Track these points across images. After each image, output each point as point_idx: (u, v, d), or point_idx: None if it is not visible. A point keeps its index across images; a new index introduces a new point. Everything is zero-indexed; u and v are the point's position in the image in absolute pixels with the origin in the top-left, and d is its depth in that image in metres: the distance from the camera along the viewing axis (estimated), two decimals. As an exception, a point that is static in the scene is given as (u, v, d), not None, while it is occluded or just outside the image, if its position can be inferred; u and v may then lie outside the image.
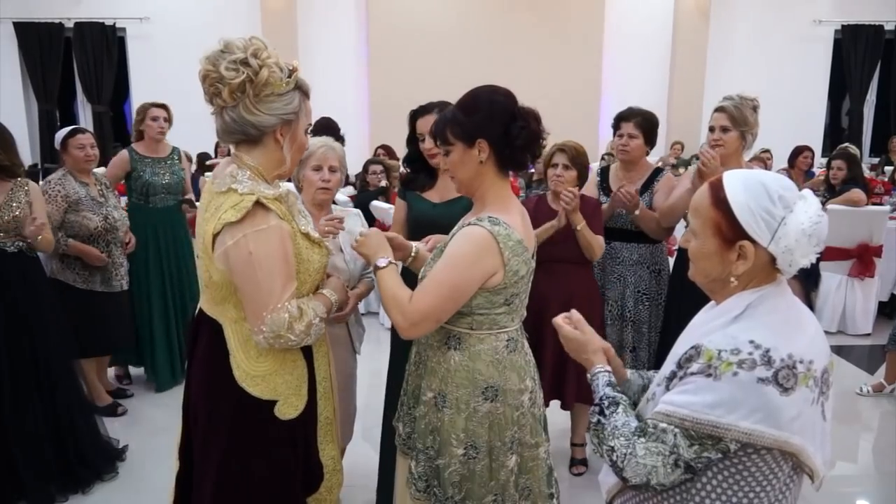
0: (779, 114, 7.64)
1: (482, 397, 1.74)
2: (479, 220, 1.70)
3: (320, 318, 1.72)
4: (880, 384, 4.18)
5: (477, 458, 1.75)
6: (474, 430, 1.74)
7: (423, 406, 1.81)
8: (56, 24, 8.71)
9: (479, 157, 1.71)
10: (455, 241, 1.71)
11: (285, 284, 1.63)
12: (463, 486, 1.77)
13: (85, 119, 9.11)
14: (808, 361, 1.20)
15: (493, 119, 1.70)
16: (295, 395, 1.76)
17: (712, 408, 1.17)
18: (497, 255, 1.67)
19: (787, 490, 1.26)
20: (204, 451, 1.76)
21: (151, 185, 3.92)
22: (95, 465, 3.08)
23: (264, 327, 1.61)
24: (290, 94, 1.68)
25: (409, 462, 1.85)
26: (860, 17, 9.51)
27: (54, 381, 2.96)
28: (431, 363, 1.81)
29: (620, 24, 9.47)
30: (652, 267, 3.20)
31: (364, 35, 9.30)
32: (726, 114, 2.87)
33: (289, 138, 1.70)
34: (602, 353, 1.47)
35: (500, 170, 1.75)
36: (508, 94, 1.75)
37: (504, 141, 1.70)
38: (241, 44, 1.61)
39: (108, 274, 3.55)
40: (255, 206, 1.59)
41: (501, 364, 1.76)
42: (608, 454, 1.29)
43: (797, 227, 1.21)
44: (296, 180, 2.50)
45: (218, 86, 1.60)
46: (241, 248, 1.58)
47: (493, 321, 1.75)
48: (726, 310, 1.28)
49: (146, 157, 3.95)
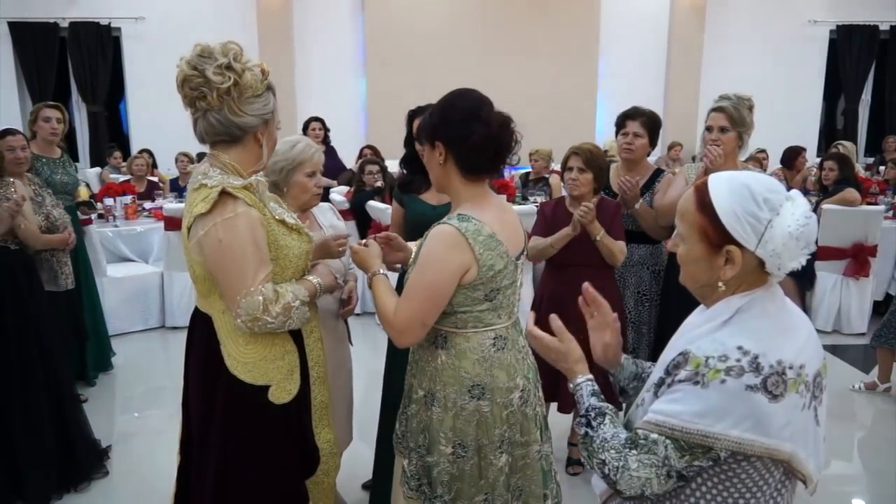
0: (774, 114, 7.65)
1: (468, 395, 1.75)
2: (448, 220, 1.72)
3: (301, 302, 1.75)
4: (873, 382, 4.20)
5: (465, 456, 1.76)
6: (462, 428, 1.76)
7: (414, 404, 1.84)
8: (51, 23, 8.67)
9: (439, 157, 1.73)
10: (425, 244, 1.73)
11: (257, 269, 1.68)
12: (452, 485, 1.78)
13: (80, 119, 9.09)
14: (799, 366, 1.18)
15: (449, 121, 1.71)
16: (287, 379, 1.80)
17: (701, 417, 1.16)
18: (467, 251, 1.67)
19: (779, 495, 1.25)
20: (203, 440, 1.80)
21: (51, 183, 3.87)
22: (87, 463, 3.12)
23: (240, 310, 1.66)
24: (266, 95, 1.75)
25: (403, 461, 1.87)
26: (855, 18, 9.52)
27: (57, 376, 3.04)
28: (422, 362, 1.83)
29: (616, 26, 9.46)
30: (652, 268, 3.19)
31: (360, 36, 9.28)
32: (725, 114, 2.86)
33: (267, 136, 1.78)
34: (584, 363, 1.43)
35: (465, 171, 1.74)
36: (474, 98, 1.74)
37: (459, 143, 1.70)
38: (219, 48, 1.68)
39: (54, 273, 3.60)
40: (222, 195, 1.65)
41: (488, 362, 1.76)
42: (599, 467, 1.27)
43: (784, 231, 1.18)
44: (281, 184, 2.39)
45: (203, 90, 1.65)
46: (211, 237, 1.65)
47: (478, 319, 1.75)
48: (715, 314, 1.25)
49: (41, 157, 3.95)
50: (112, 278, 5.17)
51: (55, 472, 2.97)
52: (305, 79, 8.89)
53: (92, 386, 4.24)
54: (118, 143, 8.89)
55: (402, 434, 1.91)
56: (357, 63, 9.32)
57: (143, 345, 5.18)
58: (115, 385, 4.37)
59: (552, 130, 6.61)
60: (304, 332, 1.88)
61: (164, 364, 4.92)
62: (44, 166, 3.94)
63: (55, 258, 3.61)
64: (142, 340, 5.26)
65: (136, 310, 5.37)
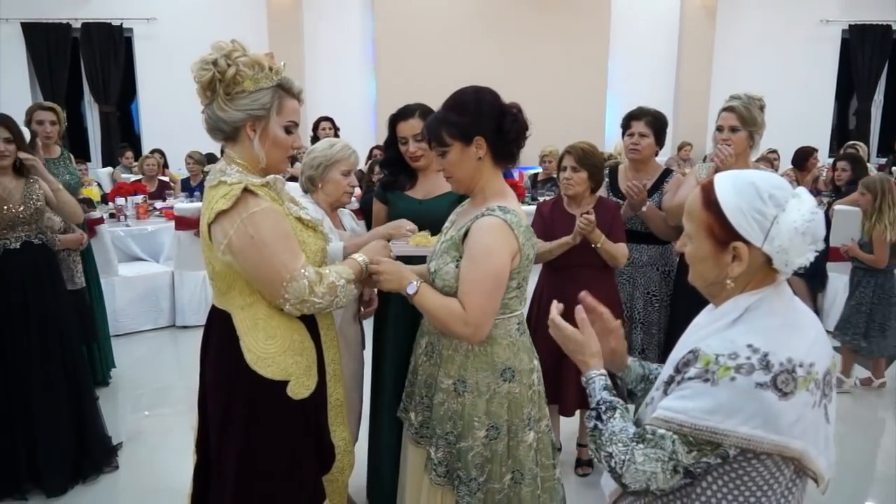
0: (786, 114, 7.61)
1: (501, 379, 1.85)
2: (491, 211, 1.78)
3: (347, 280, 1.77)
4: (869, 378, 4.23)
5: (498, 438, 1.85)
6: (496, 411, 1.84)
7: (441, 394, 1.89)
8: (63, 24, 8.73)
9: (477, 153, 1.80)
10: (475, 237, 1.78)
11: (294, 256, 1.70)
12: (485, 467, 1.86)
13: (92, 119, 9.14)
14: (809, 364, 1.18)
15: (487, 116, 1.79)
16: (305, 375, 1.82)
17: (710, 413, 1.16)
18: (514, 240, 1.77)
19: (790, 494, 1.25)
20: (223, 439, 1.81)
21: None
22: (99, 456, 3.18)
23: (287, 295, 1.69)
24: (262, 92, 1.74)
25: (429, 448, 1.93)
26: (868, 17, 9.46)
27: (76, 369, 3.11)
28: (447, 352, 1.89)
29: (626, 25, 9.44)
30: (662, 268, 3.19)
31: (370, 34, 9.30)
32: (735, 113, 2.85)
33: (259, 134, 1.76)
34: (600, 358, 1.45)
35: (496, 164, 1.85)
36: (493, 92, 1.85)
37: (498, 136, 1.80)
38: (222, 45, 1.71)
39: (70, 272, 3.66)
40: (244, 192, 1.67)
41: (515, 346, 1.88)
42: (606, 460, 1.28)
43: (790, 226, 1.18)
44: (314, 181, 2.54)
45: (197, 86, 1.72)
46: (241, 235, 1.66)
47: (506, 305, 1.84)
48: (724, 313, 1.26)
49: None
50: (123, 277, 5.21)
51: (70, 463, 3.05)
52: (315, 77, 8.91)
53: (106, 385, 4.27)
54: (130, 143, 8.95)
55: (420, 424, 1.96)
56: (367, 62, 9.34)
57: (154, 344, 5.22)
58: (125, 383, 4.39)
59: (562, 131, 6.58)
60: (321, 329, 1.90)
61: (174, 363, 4.95)
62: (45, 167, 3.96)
63: (70, 258, 3.68)
64: (152, 339, 5.29)
65: (147, 309, 5.41)
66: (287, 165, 1.91)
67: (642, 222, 3.12)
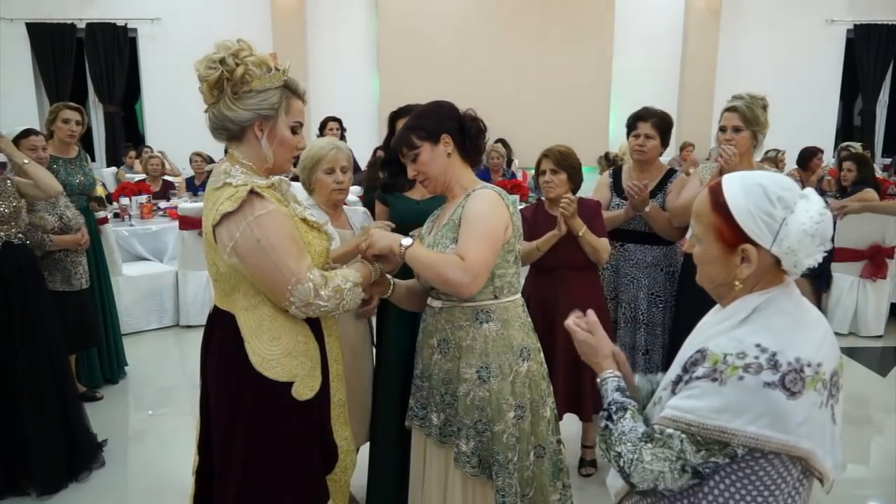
0: (790, 114, 7.59)
1: (520, 359, 1.95)
2: (476, 188, 1.94)
3: (353, 283, 1.78)
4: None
5: (524, 416, 1.96)
6: (520, 391, 1.95)
7: (465, 385, 1.94)
8: (68, 24, 8.76)
9: (445, 150, 1.95)
10: (470, 205, 1.89)
11: (299, 259, 1.70)
12: (516, 447, 1.94)
13: (97, 119, 9.17)
14: (817, 364, 1.18)
15: (448, 117, 1.97)
16: (309, 376, 1.82)
17: (718, 413, 1.16)
18: (505, 210, 1.91)
19: (797, 494, 1.24)
20: (227, 440, 1.80)
21: (68, 185, 3.87)
22: (87, 454, 3.18)
23: (293, 299, 1.69)
24: (270, 91, 1.73)
25: (457, 442, 1.95)
26: (873, 17, 9.43)
27: (61, 368, 3.10)
28: (465, 342, 1.93)
29: (630, 25, 9.41)
30: (666, 269, 3.18)
31: (373, 35, 9.30)
32: (738, 114, 2.84)
33: (268, 134, 1.76)
34: (612, 359, 1.46)
35: (464, 160, 2.00)
36: (450, 102, 2.04)
37: (461, 133, 1.97)
38: (228, 44, 1.70)
39: (68, 273, 3.63)
40: (249, 194, 1.66)
41: (526, 326, 2.01)
42: (615, 460, 1.29)
43: (798, 228, 1.19)
44: (306, 183, 2.57)
45: (202, 85, 1.70)
46: (247, 237, 1.65)
47: (510, 284, 1.96)
48: (732, 313, 1.26)
49: (58, 158, 3.93)
50: (127, 277, 5.23)
51: (62, 462, 3.05)
52: (318, 78, 8.91)
53: (115, 384, 4.27)
54: (134, 144, 8.97)
55: (444, 423, 1.99)
56: (370, 63, 9.34)
57: (158, 343, 5.23)
58: (129, 382, 4.40)
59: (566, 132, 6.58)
60: (324, 329, 1.89)
61: (178, 363, 4.96)
62: (60, 168, 3.94)
63: (68, 258, 3.64)
64: (156, 339, 5.31)
65: (151, 308, 5.42)
66: (291, 165, 1.92)
67: (646, 223, 3.11)
